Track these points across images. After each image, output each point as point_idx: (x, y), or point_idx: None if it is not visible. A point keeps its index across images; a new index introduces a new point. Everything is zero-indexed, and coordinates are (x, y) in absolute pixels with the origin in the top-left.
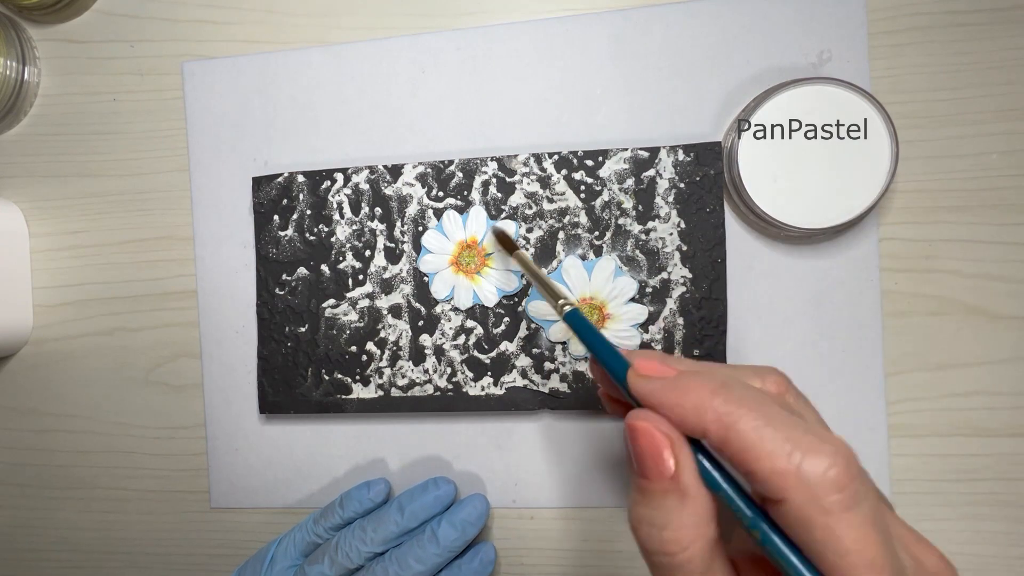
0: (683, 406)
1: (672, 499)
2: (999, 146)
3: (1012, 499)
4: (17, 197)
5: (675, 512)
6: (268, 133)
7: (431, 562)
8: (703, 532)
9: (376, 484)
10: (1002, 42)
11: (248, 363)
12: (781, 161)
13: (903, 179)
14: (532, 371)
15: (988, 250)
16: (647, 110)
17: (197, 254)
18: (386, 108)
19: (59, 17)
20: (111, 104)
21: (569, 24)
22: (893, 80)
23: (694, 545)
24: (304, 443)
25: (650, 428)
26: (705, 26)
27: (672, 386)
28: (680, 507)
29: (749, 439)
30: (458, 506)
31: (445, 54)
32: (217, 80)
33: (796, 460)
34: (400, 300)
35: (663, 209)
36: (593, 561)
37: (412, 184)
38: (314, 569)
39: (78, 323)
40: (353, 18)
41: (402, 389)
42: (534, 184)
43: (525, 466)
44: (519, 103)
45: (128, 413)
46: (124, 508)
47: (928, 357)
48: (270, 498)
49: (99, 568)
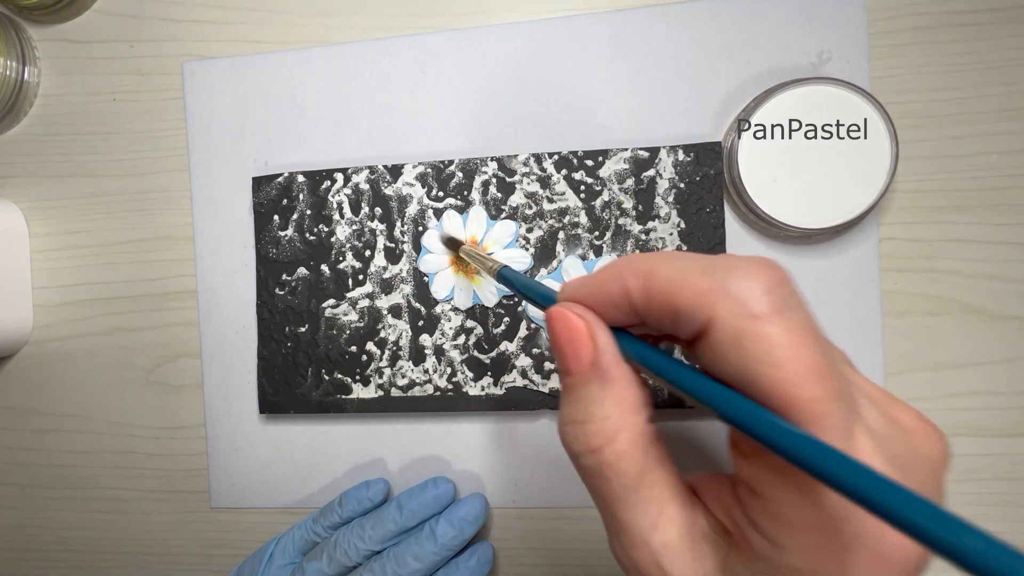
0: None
1: (593, 386)
2: (999, 146)
3: (1012, 499)
4: (17, 197)
5: (597, 400)
6: (268, 133)
7: (429, 560)
8: (630, 421)
9: (375, 484)
10: (1002, 42)
11: (248, 363)
12: (781, 161)
13: (903, 179)
14: (532, 371)
15: (988, 250)
16: (647, 110)
17: (197, 254)
18: (386, 108)
19: (59, 17)
20: (111, 104)
21: (569, 24)
22: (893, 80)
23: (620, 436)
24: (304, 443)
25: (565, 312)
26: (705, 26)
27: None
28: (602, 393)
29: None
30: (457, 505)
31: (445, 54)
32: (217, 80)
33: (719, 277)
34: (400, 300)
35: (663, 209)
36: (592, 561)
37: (412, 184)
38: (312, 566)
39: (78, 323)
40: (353, 18)
41: (402, 389)
42: (534, 184)
43: (525, 466)
44: (519, 103)
45: (128, 413)
46: (124, 508)
47: (928, 357)
48: (270, 498)
49: (99, 568)
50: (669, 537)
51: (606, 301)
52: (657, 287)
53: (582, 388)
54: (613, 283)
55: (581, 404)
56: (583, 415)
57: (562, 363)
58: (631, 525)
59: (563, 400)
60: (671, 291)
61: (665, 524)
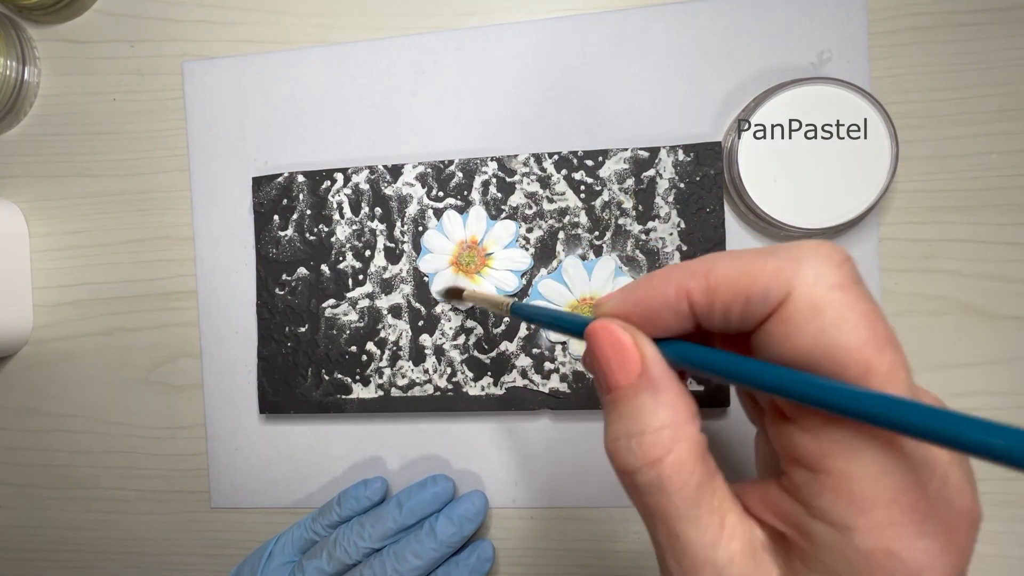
0: (654, 287)
1: (644, 397)
2: (999, 146)
3: (1012, 499)
4: (17, 197)
5: (650, 410)
6: (268, 133)
7: (428, 557)
8: (687, 431)
9: (373, 483)
10: (1002, 42)
11: (248, 363)
12: (781, 161)
13: (903, 179)
14: (532, 371)
15: (988, 250)
16: (647, 110)
17: (197, 254)
18: (386, 108)
19: (59, 17)
20: (111, 104)
21: (569, 24)
22: (893, 80)
23: (678, 445)
24: (304, 443)
25: (609, 324)
26: (705, 26)
27: (633, 285)
28: (655, 403)
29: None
30: (456, 502)
31: (445, 54)
32: (217, 80)
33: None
34: (400, 300)
35: (663, 209)
36: (593, 561)
37: (412, 184)
38: (312, 564)
39: (78, 323)
40: (353, 18)
41: (402, 389)
42: (534, 184)
43: (525, 466)
44: (519, 103)
45: (128, 413)
46: (124, 508)
47: (928, 357)
48: (270, 498)
49: (99, 568)
50: (732, 552)
51: (660, 306)
52: (723, 279)
53: (633, 400)
54: (665, 287)
55: (634, 417)
56: (637, 427)
57: (608, 378)
58: (694, 542)
59: (610, 417)
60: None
61: (727, 538)
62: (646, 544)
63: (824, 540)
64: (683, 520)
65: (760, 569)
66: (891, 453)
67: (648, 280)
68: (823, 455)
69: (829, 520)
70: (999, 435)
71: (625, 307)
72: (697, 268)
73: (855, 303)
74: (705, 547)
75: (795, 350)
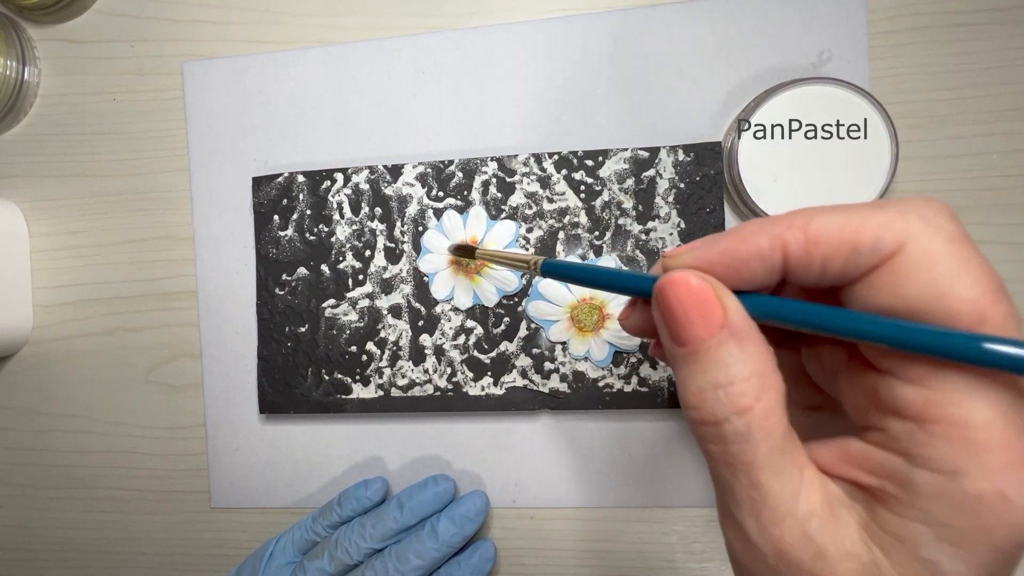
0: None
1: (729, 347)
2: (999, 146)
3: None
4: (17, 197)
5: (737, 360)
6: (268, 133)
7: (430, 557)
8: (773, 380)
9: (374, 483)
10: (1002, 42)
11: (248, 363)
12: (781, 161)
13: (903, 179)
14: (532, 371)
15: (988, 250)
16: (647, 110)
17: (197, 254)
18: (386, 108)
19: (59, 17)
20: (111, 104)
21: (569, 24)
22: (893, 80)
23: (767, 395)
24: (304, 443)
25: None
26: (705, 26)
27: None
28: (741, 353)
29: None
30: (457, 502)
31: (445, 54)
32: (217, 80)
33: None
34: (400, 300)
35: (663, 209)
36: (593, 561)
37: (412, 184)
38: (313, 565)
39: (78, 323)
40: (353, 18)
41: (402, 389)
42: (534, 184)
43: (525, 466)
44: (519, 103)
45: (128, 413)
46: (124, 508)
47: None
48: (270, 498)
49: (99, 568)
50: (813, 504)
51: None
52: (824, 230)
53: (716, 352)
54: (758, 238)
55: (720, 367)
56: (724, 378)
57: (687, 330)
58: (776, 493)
59: (688, 371)
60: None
61: (807, 490)
62: (646, 544)
63: (927, 488)
64: (768, 470)
65: (838, 521)
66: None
67: (737, 231)
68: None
69: (935, 467)
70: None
71: (709, 258)
72: (794, 220)
73: (969, 255)
74: (787, 499)
75: (905, 300)
